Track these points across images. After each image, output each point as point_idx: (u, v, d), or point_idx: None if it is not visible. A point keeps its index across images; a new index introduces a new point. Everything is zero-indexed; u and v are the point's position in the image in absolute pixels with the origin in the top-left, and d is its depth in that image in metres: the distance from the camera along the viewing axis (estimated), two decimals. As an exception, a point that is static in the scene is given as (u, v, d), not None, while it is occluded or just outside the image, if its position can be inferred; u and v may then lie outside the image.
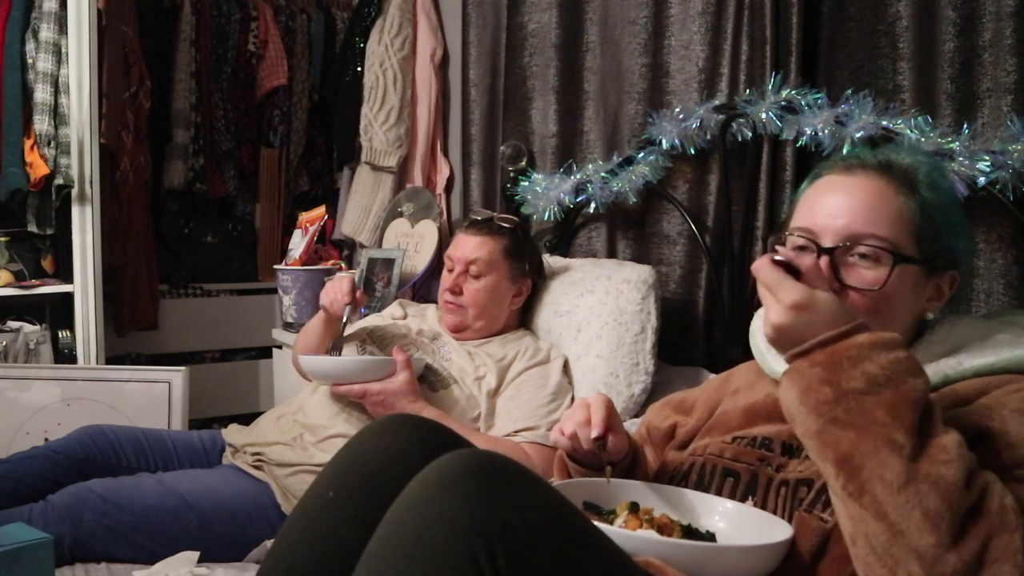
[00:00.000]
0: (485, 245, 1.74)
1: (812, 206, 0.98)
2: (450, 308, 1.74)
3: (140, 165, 2.64)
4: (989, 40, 1.33)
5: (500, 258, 1.74)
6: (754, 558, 0.84)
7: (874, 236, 0.92)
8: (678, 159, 1.78)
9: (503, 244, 1.75)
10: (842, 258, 0.93)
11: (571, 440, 1.02)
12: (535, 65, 2.17)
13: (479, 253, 1.73)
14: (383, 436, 0.98)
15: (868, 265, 0.92)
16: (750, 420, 1.07)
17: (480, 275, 1.72)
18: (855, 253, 0.93)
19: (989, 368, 0.91)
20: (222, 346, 3.10)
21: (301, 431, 1.58)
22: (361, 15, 2.83)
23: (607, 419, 1.01)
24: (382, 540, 0.78)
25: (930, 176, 0.96)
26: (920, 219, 0.93)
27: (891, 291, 0.91)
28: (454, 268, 1.75)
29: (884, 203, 0.94)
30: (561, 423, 1.04)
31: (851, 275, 0.93)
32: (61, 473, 1.52)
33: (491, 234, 1.75)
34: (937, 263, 0.95)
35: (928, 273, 0.94)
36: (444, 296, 1.75)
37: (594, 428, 1.00)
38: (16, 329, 2.38)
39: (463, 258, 1.73)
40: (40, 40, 2.29)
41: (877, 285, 0.91)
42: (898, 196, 0.94)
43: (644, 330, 1.64)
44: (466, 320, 1.74)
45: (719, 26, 1.72)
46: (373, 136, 2.68)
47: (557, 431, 1.04)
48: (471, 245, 1.74)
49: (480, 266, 1.72)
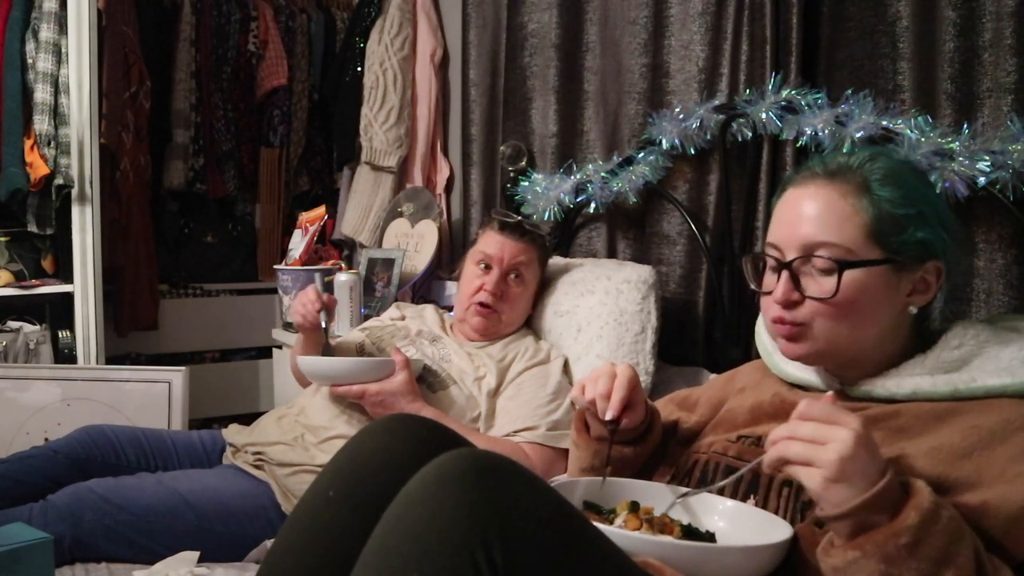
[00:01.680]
0: (530, 251, 1.74)
1: (774, 221, 1.01)
2: (483, 312, 1.69)
3: (140, 165, 2.64)
4: (989, 40, 1.32)
5: (537, 265, 1.77)
6: (754, 558, 0.84)
7: (825, 244, 0.94)
8: (678, 159, 1.78)
9: (539, 251, 1.77)
10: (800, 269, 0.96)
11: (590, 405, 1.05)
12: (535, 65, 2.17)
13: (524, 257, 1.73)
14: (383, 436, 0.98)
15: (823, 275, 0.94)
16: (755, 419, 1.07)
17: (525, 279, 1.73)
18: (811, 264, 0.95)
19: (1002, 390, 0.90)
20: (222, 346, 3.10)
21: (302, 432, 1.58)
22: (361, 15, 2.83)
23: (626, 399, 1.02)
24: (381, 539, 0.78)
25: (884, 172, 0.96)
26: (875, 217, 0.93)
27: (851, 296, 0.93)
28: (491, 267, 1.71)
29: (832, 209, 0.95)
30: (585, 383, 1.06)
31: (810, 285, 0.95)
32: (61, 473, 1.52)
33: (532, 240, 1.75)
34: (907, 257, 0.94)
35: (899, 269, 0.94)
36: (477, 298, 1.69)
37: (609, 409, 1.02)
38: (16, 329, 2.38)
39: (511, 261, 1.71)
40: (40, 40, 2.29)
41: (830, 294, 0.92)
42: (846, 200, 0.94)
43: (644, 330, 1.64)
44: (499, 325, 1.72)
45: (719, 26, 1.72)
46: (373, 136, 2.68)
47: (579, 390, 1.07)
48: (517, 248, 1.72)
49: (525, 272, 1.73)
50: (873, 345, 0.97)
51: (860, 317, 0.94)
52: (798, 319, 0.96)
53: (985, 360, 0.94)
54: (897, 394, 0.94)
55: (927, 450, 0.87)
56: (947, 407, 0.91)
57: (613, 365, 1.05)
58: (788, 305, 0.96)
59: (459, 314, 1.77)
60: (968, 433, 0.87)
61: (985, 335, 0.96)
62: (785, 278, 0.96)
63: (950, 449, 0.86)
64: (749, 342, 1.61)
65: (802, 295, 0.95)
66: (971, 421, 0.89)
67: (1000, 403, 0.90)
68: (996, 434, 0.87)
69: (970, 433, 0.87)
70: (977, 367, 0.93)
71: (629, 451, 1.10)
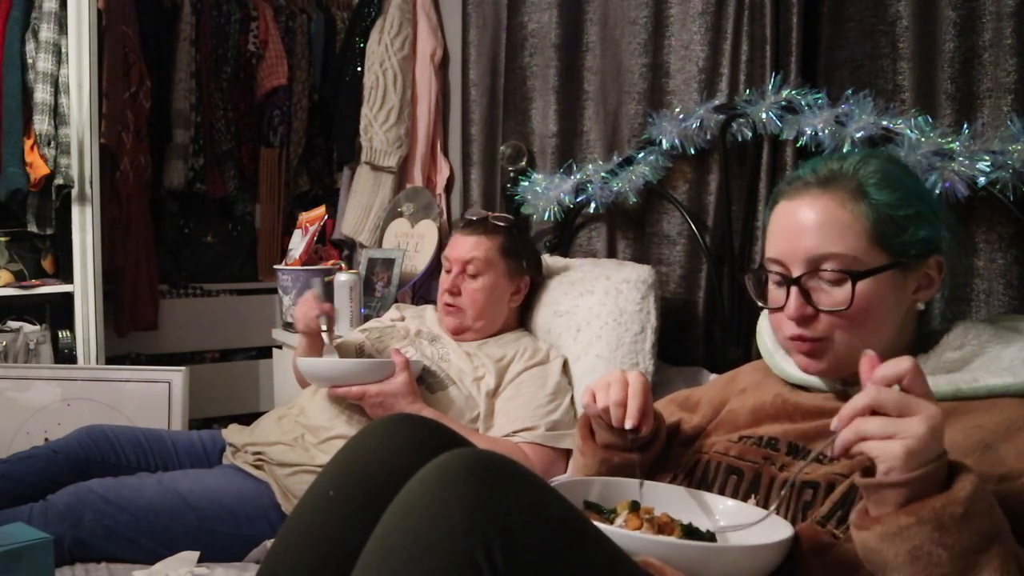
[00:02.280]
0: (481, 244, 1.73)
1: (772, 236, 1.00)
2: (449, 311, 1.74)
3: (140, 165, 2.64)
4: (989, 40, 1.32)
5: (497, 256, 1.74)
6: (753, 558, 0.84)
7: (831, 256, 0.93)
8: (678, 159, 1.78)
9: (499, 242, 1.75)
10: (808, 284, 0.95)
11: (603, 413, 1.02)
12: (535, 65, 2.17)
13: (475, 252, 1.72)
14: (383, 436, 0.98)
15: (834, 286, 0.94)
16: (757, 419, 1.07)
17: (478, 274, 1.72)
18: (819, 277, 0.94)
19: (1004, 390, 0.90)
20: (222, 346, 3.10)
21: (302, 432, 1.58)
22: (361, 15, 2.83)
23: (644, 407, 1.00)
24: (380, 539, 0.78)
25: (878, 175, 0.95)
26: (875, 222, 0.93)
27: (864, 304, 0.92)
28: (451, 269, 1.75)
29: (832, 219, 0.94)
30: (596, 389, 1.03)
31: (822, 299, 0.94)
32: (61, 473, 1.52)
33: (487, 233, 1.75)
34: (911, 257, 0.94)
35: (905, 269, 0.94)
36: (443, 298, 1.75)
37: (629, 418, 0.99)
38: (16, 329, 2.38)
39: (460, 258, 1.73)
40: (40, 40, 2.29)
41: (845, 305, 0.92)
42: (844, 207, 0.94)
43: (644, 330, 1.64)
44: (465, 321, 1.73)
45: (719, 26, 1.72)
46: (373, 136, 2.68)
47: (589, 396, 1.04)
48: (467, 245, 1.74)
49: (477, 265, 1.72)
50: (885, 347, 0.97)
51: (875, 322, 0.94)
52: (817, 334, 0.95)
53: (987, 360, 0.94)
54: None
55: None
56: (949, 407, 0.91)
57: (624, 372, 1.03)
58: (803, 321, 0.95)
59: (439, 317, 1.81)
60: (971, 433, 0.87)
61: (986, 335, 0.96)
62: (796, 294, 0.95)
63: (952, 448, 0.86)
64: (749, 342, 1.61)
65: (816, 309, 0.94)
66: (974, 421, 0.89)
67: (1002, 402, 0.90)
68: (999, 434, 0.86)
69: (973, 433, 0.87)
70: (979, 367, 0.93)
71: (636, 457, 1.09)
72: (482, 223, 1.78)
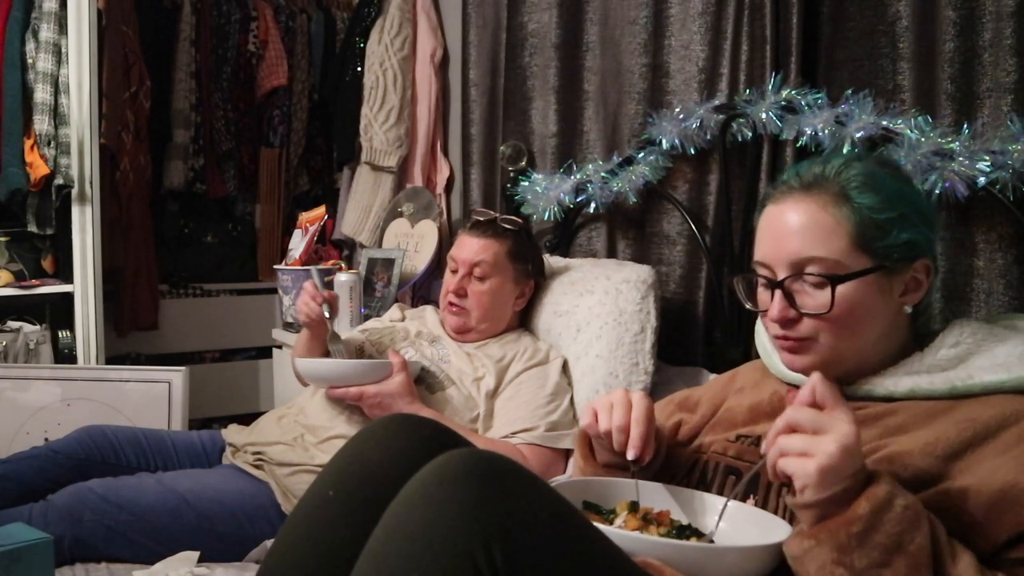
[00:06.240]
0: (490, 247, 1.72)
1: (759, 239, 1.01)
2: (454, 311, 1.72)
3: (140, 165, 2.64)
4: (989, 40, 1.32)
5: (505, 260, 1.73)
6: (753, 559, 0.84)
7: (813, 260, 0.93)
8: (678, 159, 1.78)
9: (508, 246, 1.73)
10: (792, 286, 0.95)
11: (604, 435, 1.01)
12: (535, 65, 2.17)
13: (484, 255, 1.71)
14: (382, 436, 0.98)
15: (816, 289, 0.94)
16: (754, 418, 1.07)
17: (485, 277, 1.71)
18: (803, 280, 0.95)
19: (999, 386, 0.90)
20: (222, 346, 3.09)
21: (302, 432, 1.58)
22: (361, 15, 2.83)
23: (647, 435, 0.99)
24: (380, 539, 0.78)
25: (860, 178, 0.95)
26: (858, 225, 0.93)
27: (847, 307, 0.93)
28: (458, 269, 1.73)
29: (815, 223, 0.94)
30: (599, 410, 1.01)
31: (806, 302, 0.95)
32: (61, 473, 1.52)
33: (495, 236, 1.73)
34: (895, 260, 0.94)
35: (889, 272, 0.94)
36: (447, 298, 1.73)
37: (631, 448, 0.98)
38: (16, 329, 2.38)
39: (468, 260, 1.72)
40: (40, 40, 2.29)
41: (826, 308, 0.93)
42: (826, 211, 0.94)
43: (644, 330, 1.64)
44: (469, 322, 1.72)
45: (719, 26, 1.72)
46: (373, 136, 2.68)
47: (591, 416, 1.02)
48: (475, 247, 1.72)
49: (485, 268, 1.70)
50: (873, 348, 0.97)
51: (858, 325, 0.94)
52: (800, 335, 0.96)
53: (982, 357, 0.94)
54: (895, 392, 0.95)
55: (923, 444, 0.88)
56: (945, 405, 0.92)
57: (627, 392, 1.02)
58: (786, 324, 0.96)
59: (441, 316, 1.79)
60: (964, 427, 0.88)
61: (982, 333, 0.96)
62: (779, 297, 0.96)
63: (945, 442, 0.87)
64: (749, 342, 1.61)
65: (799, 312, 0.95)
66: (967, 415, 0.89)
67: (997, 398, 0.90)
68: (991, 427, 0.87)
69: (966, 427, 0.88)
70: (974, 364, 0.93)
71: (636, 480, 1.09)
72: (491, 225, 1.75)
